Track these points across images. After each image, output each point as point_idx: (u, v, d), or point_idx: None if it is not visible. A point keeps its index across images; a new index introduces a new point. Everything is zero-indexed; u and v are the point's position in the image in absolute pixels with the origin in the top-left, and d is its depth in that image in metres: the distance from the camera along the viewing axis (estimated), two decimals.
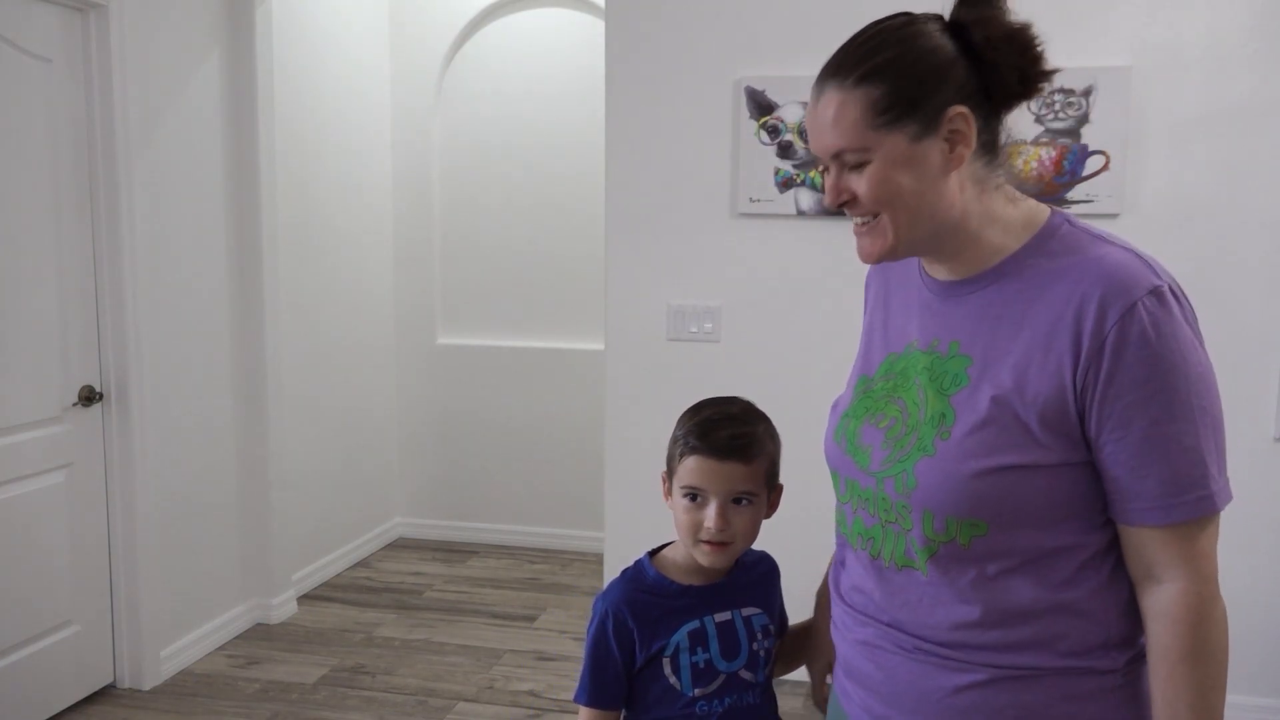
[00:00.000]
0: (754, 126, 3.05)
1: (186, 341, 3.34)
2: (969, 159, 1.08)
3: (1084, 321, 1.03)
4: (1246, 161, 2.78)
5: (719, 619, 1.37)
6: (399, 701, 3.14)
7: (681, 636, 1.35)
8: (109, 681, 3.18)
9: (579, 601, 3.97)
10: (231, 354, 3.55)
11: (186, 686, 3.23)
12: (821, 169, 1.14)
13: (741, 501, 1.32)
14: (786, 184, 3.04)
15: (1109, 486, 1.06)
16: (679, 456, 1.34)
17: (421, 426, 4.70)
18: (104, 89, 2.99)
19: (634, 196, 3.16)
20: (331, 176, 4.14)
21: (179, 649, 3.33)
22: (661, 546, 1.44)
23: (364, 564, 4.40)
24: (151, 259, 3.17)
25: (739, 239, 3.11)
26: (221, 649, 3.50)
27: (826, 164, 1.10)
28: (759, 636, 1.39)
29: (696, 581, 1.38)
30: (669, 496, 1.37)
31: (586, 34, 4.28)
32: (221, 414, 3.52)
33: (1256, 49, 2.75)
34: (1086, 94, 2.83)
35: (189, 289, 3.35)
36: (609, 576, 3.23)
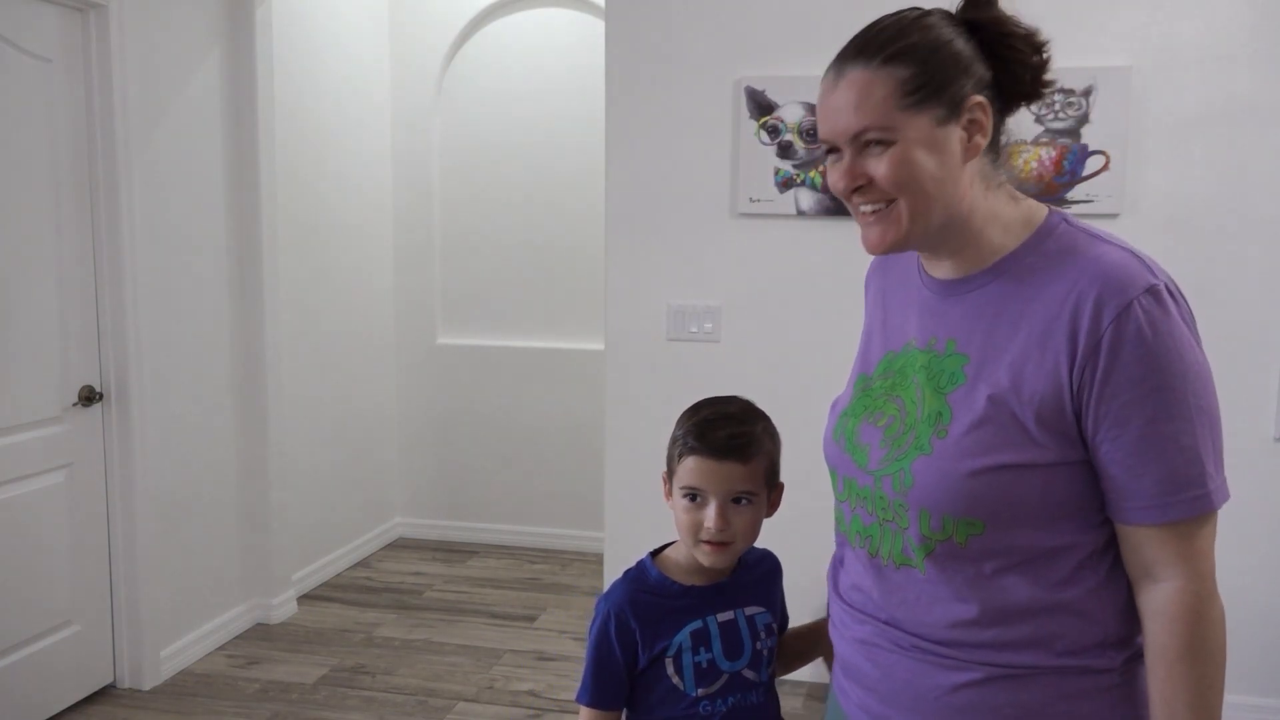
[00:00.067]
0: (754, 126, 3.05)
1: (186, 341, 3.34)
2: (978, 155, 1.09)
3: (1080, 320, 1.03)
4: (1246, 161, 2.78)
5: (722, 619, 1.37)
6: (399, 701, 3.15)
7: (684, 636, 1.35)
8: (109, 681, 3.18)
9: (579, 601, 3.97)
10: (231, 354, 3.56)
11: (186, 686, 3.23)
12: (825, 162, 1.13)
13: (741, 501, 1.32)
14: (786, 184, 3.05)
15: (1106, 485, 1.06)
16: (678, 457, 1.34)
17: (421, 426, 4.70)
18: (104, 89, 3.00)
19: (634, 196, 3.16)
20: (331, 176, 4.14)
21: (179, 649, 3.34)
22: (663, 547, 1.44)
23: (364, 564, 4.40)
24: (151, 259, 3.17)
25: (739, 239, 3.11)
26: (221, 649, 3.50)
27: (841, 148, 1.09)
28: (762, 635, 1.39)
29: (699, 581, 1.38)
30: (669, 497, 1.37)
31: (586, 34, 4.28)
32: (221, 413, 3.52)
33: (1256, 49, 2.75)
34: (1086, 94, 2.83)
35: (189, 289, 3.35)
36: (609, 576, 3.24)
